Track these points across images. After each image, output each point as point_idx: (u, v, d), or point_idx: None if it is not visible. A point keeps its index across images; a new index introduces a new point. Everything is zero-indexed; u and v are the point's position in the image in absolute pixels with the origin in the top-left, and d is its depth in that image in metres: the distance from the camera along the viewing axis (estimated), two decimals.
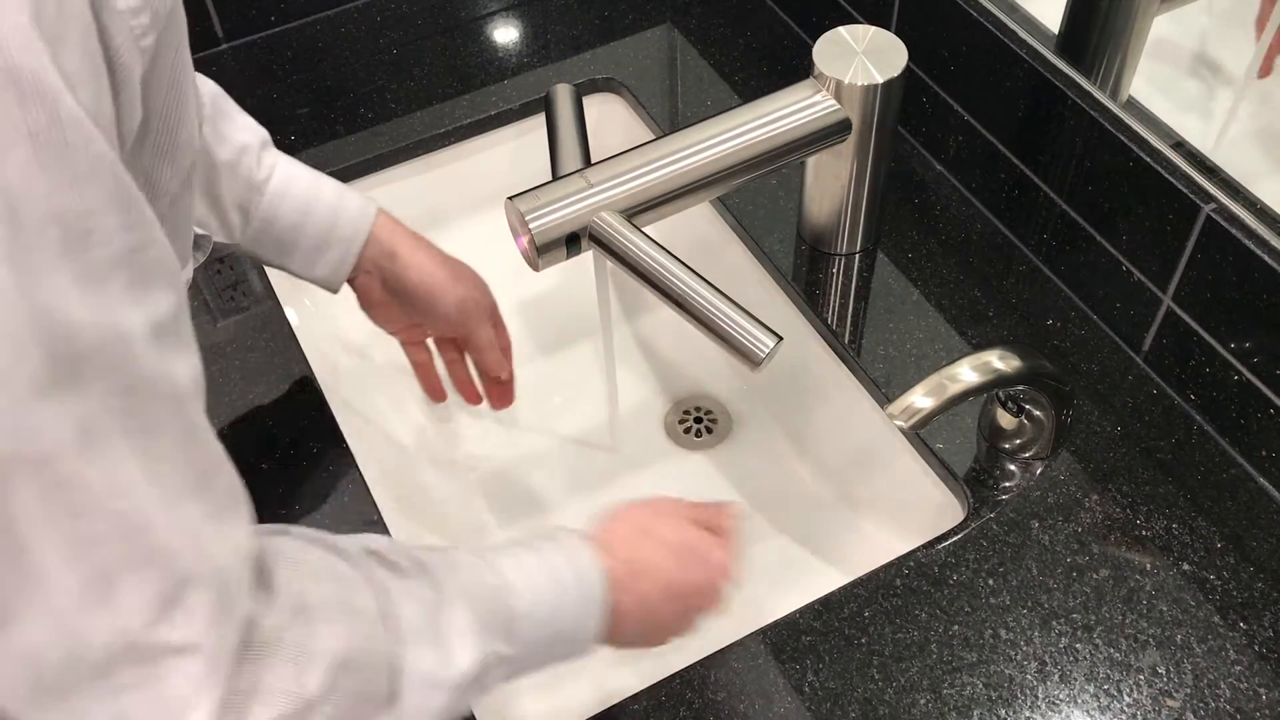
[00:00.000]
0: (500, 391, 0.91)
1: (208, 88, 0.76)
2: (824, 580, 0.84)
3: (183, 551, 0.43)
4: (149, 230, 0.42)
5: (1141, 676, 0.71)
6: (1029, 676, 0.71)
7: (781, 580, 0.89)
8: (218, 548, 0.45)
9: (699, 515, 0.70)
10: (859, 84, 0.80)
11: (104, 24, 0.40)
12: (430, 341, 0.91)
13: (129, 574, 0.42)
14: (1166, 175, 0.77)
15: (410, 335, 0.89)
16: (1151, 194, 0.78)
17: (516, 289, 1.06)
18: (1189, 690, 0.70)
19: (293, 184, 0.79)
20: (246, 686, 0.46)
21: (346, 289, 0.84)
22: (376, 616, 0.52)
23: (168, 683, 0.43)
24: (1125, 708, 0.69)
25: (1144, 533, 0.76)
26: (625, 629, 0.64)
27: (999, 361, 0.73)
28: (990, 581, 0.75)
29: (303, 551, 0.52)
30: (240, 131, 0.77)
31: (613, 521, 0.67)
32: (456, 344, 0.90)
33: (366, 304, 0.85)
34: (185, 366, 0.44)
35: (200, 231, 0.72)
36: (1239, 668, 0.70)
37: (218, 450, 0.46)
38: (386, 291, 0.84)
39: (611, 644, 0.64)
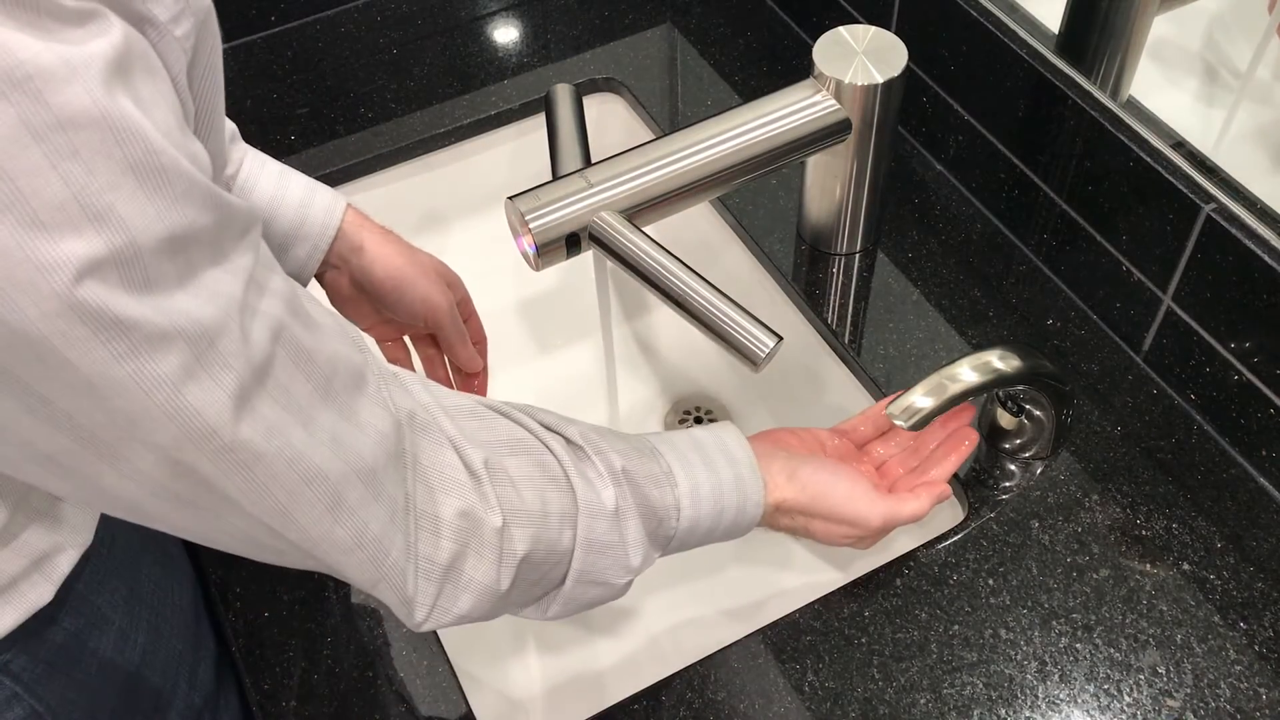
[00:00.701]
0: (472, 388, 0.91)
1: None
2: (824, 580, 0.84)
3: (331, 465, 0.50)
4: (229, 211, 0.46)
5: (1141, 676, 0.71)
6: (1029, 676, 0.71)
7: (781, 580, 0.89)
8: (361, 447, 0.51)
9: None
10: (859, 84, 0.80)
11: (153, 40, 0.44)
12: (408, 339, 0.90)
13: (297, 502, 0.49)
14: (1166, 175, 0.77)
15: (383, 333, 0.88)
16: (1151, 194, 0.78)
17: (516, 289, 1.06)
18: (1189, 690, 0.70)
19: (260, 178, 0.78)
20: (450, 567, 0.55)
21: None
22: (565, 523, 0.59)
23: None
24: (1125, 708, 0.69)
25: (1144, 533, 0.77)
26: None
27: (999, 361, 0.73)
28: (990, 581, 0.75)
29: (518, 454, 0.59)
30: None
31: (795, 488, 0.71)
32: (433, 339, 0.89)
33: (336, 300, 0.85)
34: (281, 284, 0.49)
35: None
36: (1239, 668, 0.70)
37: (327, 341, 0.51)
38: (354, 287, 0.83)
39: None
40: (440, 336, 0.86)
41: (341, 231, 0.81)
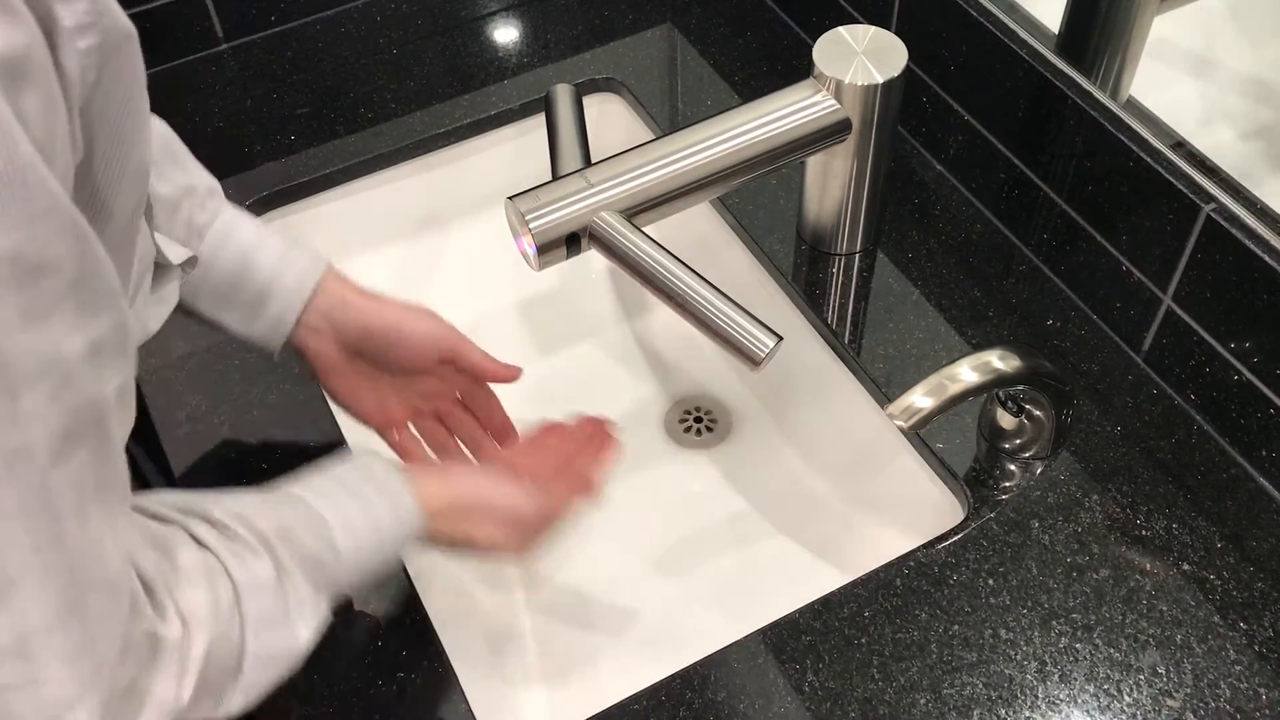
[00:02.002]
0: (503, 431, 0.86)
1: (158, 128, 0.71)
2: (824, 580, 0.84)
3: (84, 560, 0.46)
4: (95, 260, 0.43)
5: (1141, 676, 0.71)
6: (1029, 676, 0.71)
7: (781, 580, 0.89)
8: (114, 554, 0.48)
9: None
10: (859, 84, 0.80)
11: (55, 43, 0.41)
12: (413, 427, 0.84)
13: (32, 579, 0.44)
14: (1166, 175, 0.77)
15: (385, 415, 0.82)
16: (1151, 194, 0.78)
17: (516, 289, 1.06)
18: (1189, 690, 0.70)
19: (235, 232, 0.74)
20: (128, 690, 0.50)
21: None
22: (233, 611, 0.56)
23: (50, 685, 0.46)
24: (1125, 708, 0.69)
25: (1144, 533, 0.77)
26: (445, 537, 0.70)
27: (999, 361, 0.73)
28: (990, 581, 0.75)
29: (178, 548, 0.55)
30: (188, 175, 0.73)
31: (447, 489, 0.70)
32: (437, 415, 0.84)
33: (326, 373, 0.78)
34: (117, 380, 0.46)
35: (177, 253, 0.68)
36: (1239, 668, 0.70)
37: (119, 454, 0.49)
38: (345, 353, 0.78)
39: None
40: (461, 361, 0.80)
41: (321, 288, 0.76)
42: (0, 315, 0.39)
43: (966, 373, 0.72)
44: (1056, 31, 0.84)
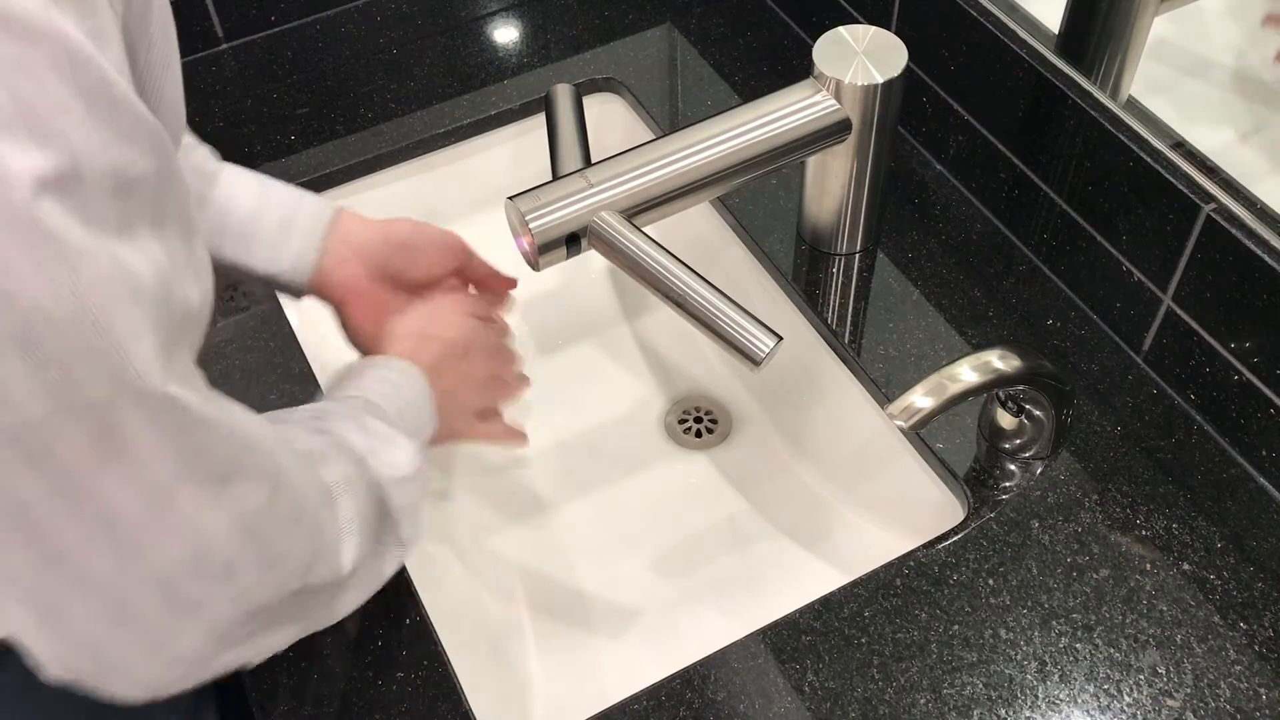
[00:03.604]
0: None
1: None
2: (824, 580, 0.84)
3: (261, 437, 0.51)
4: (172, 172, 0.45)
5: (1141, 676, 0.71)
6: (1029, 676, 0.71)
7: (781, 580, 0.89)
8: (269, 432, 0.53)
9: (474, 308, 0.81)
10: (859, 84, 0.80)
11: None
12: None
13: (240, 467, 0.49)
14: (1166, 175, 0.77)
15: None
16: (1151, 194, 0.78)
17: (517, 289, 1.06)
18: (1189, 690, 0.70)
19: (242, 177, 0.77)
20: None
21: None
22: (357, 468, 0.61)
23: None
24: (1125, 708, 0.69)
25: (1144, 533, 0.77)
26: (442, 418, 0.74)
27: (999, 361, 0.73)
28: (990, 581, 0.75)
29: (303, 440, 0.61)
30: (185, 137, 0.76)
31: (397, 341, 0.75)
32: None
33: (350, 303, 0.79)
34: (198, 292, 0.48)
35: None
36: (1239, 668, 0.70)
37: None
38: (369, 276, 0.79)
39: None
40: (470, 270, 0.84)
41: (340, 222, 0.79)
42: (104, 228, 0.40)
43: (966, 373, 0.72)
44: (1056, 31, 0.84)
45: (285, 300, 0.96)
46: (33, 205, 0.38)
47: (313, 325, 0.96)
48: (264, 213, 0.76)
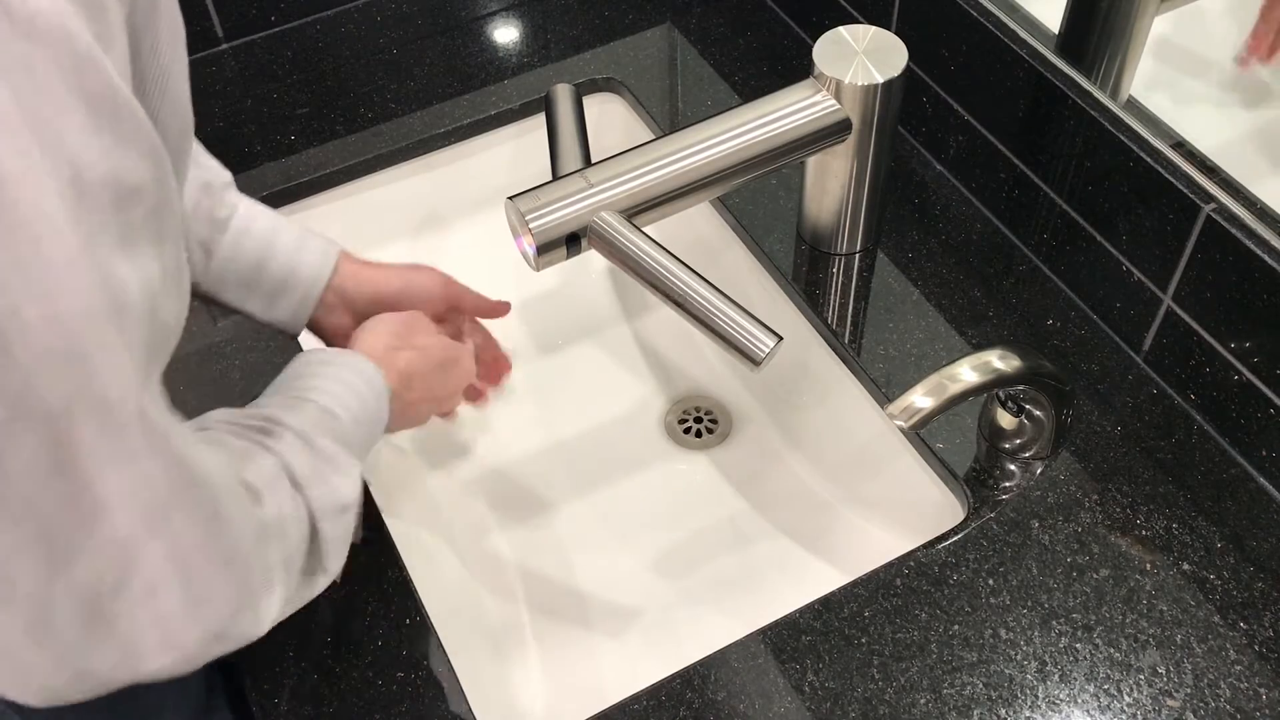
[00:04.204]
0: (495, 371, 0.92)
1: None
2: (824, 580, 0.84)
3: (214, 472, 0.50)
4: (169, 187, 0.45)
5: (1141, 676, 0.71)
6: (1029, 676, 0.71)
7: (781, 580, 0.89)
8: (223, 468, 0.52)
9: (446, 327, 0.83)
10: (859, 84, 0.80)
11: None
12: None
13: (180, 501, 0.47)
14: (1166, 175, 0.77)
15: None
16: (1151, 194, 0.78)
17: (517, 289, 1.06)
18: (1189, 690, 0.70)
19: (255, 223, 0.77)
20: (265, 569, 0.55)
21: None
22: (281, 473, 0.59)
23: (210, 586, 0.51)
24: (1125, 708, 0.69)
25: (1144, 533, 0.77)
26: (396, 420, 0.74)
27: (999, 361, 0.73)
28: (990, 581, 0.75)
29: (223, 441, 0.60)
30: (203, 170, 0.76)
31: (372, 336, 0.75)
32: None
33: (341, 340, 0.81)
34: (177, 308, 0.48)
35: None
36: (1239, 668, 0.70)
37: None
38: (358, 320, 0.80)
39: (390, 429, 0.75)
40: (463, 305, 0.85)
41: (337, 273, 0.79)
42: (103, 239, 0.40)
43: (966, 373, 0.72)
44: (1056, 31, 0.84)
45: None
46: (27, 207, 0.38)
47: None
48: (267, 267, 0.77)
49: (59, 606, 0.45)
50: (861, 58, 0.81)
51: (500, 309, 0.88)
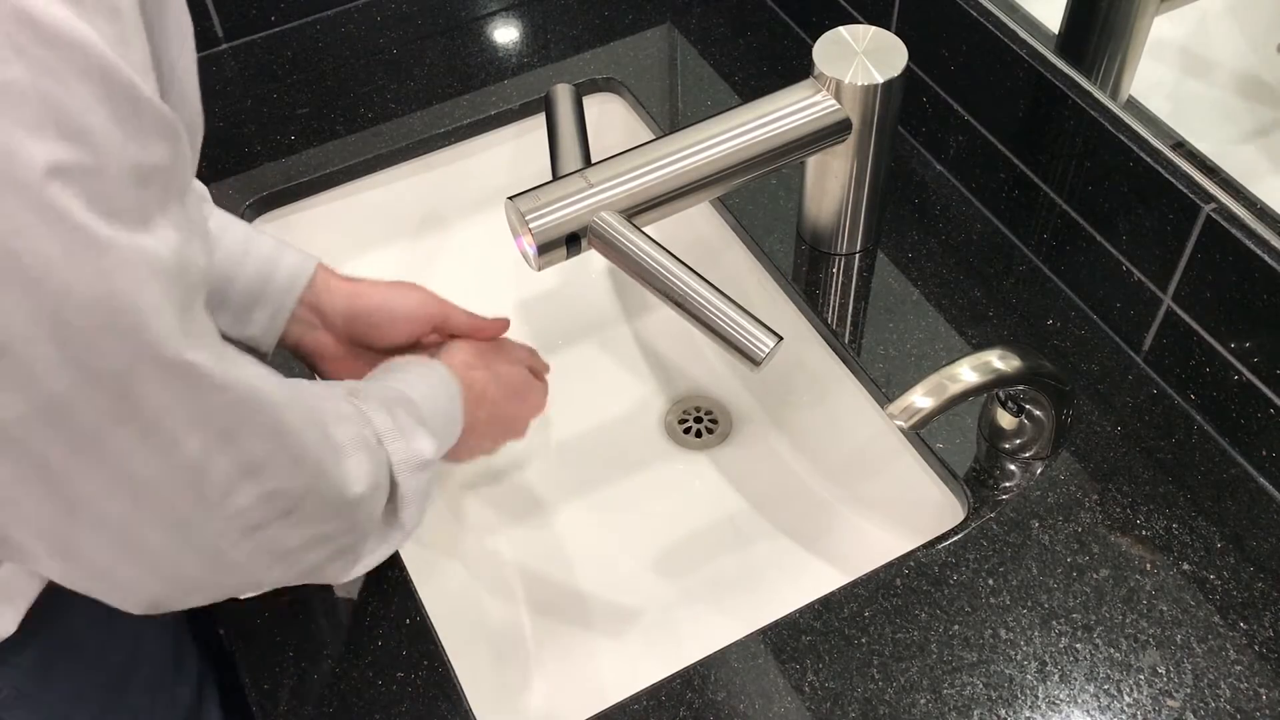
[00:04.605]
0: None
1: None
2: (824, 580, 0.84)
3: (270, 391, 0.54)
4: (185, 154, 0.48)
5: (1141, 676, 0.71)
6: (1029, 676, 0.71)
7: (781, 580, 0.89)
8: (280, 385, 0.56)
9: (528, 360, 0.84)
10: (859, 84, 0.80)
11: None
12: None
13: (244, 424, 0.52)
14: (1166, 175, 0.77)
15: None
16: (1151, 194, 0.78)
17: (516, 289, 1.06)
18: (1189, 690, 0.70)
19: (224, 237, 0.75)
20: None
21: None
22: (371, 440, 0.63)
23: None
24: (1125, 708, 0.69)
25: (1144, 533, 0.77)
26: (463, 439, 0.76)
27: (999, 361, 0.73)
28: (990, 581, 0.75)
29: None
30: None
31: (450, 355, 0.77)
32: None
33: (326, 365, 0.79)
34: (202, 250, 0.51)
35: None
36: (1239, 668, 0.70)
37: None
38: (341, 341, 0.79)
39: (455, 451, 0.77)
40: (450, 327, 0.81)
41: (311, 287, 0.77)
42: (127, 218, 0.44)
43: (966, 373, 0.72)
44: (1056, 31, 0.84)
45: None
46: (64, 200, 0.41)
47: None
48: (235, 282, 0.75)
49: (146, 529, 0.51)
50: (861, 58, 0.81)
51: (497, 327, 0.84)
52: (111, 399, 0.45)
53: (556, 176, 0.77)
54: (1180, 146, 0.78)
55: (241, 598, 0.75)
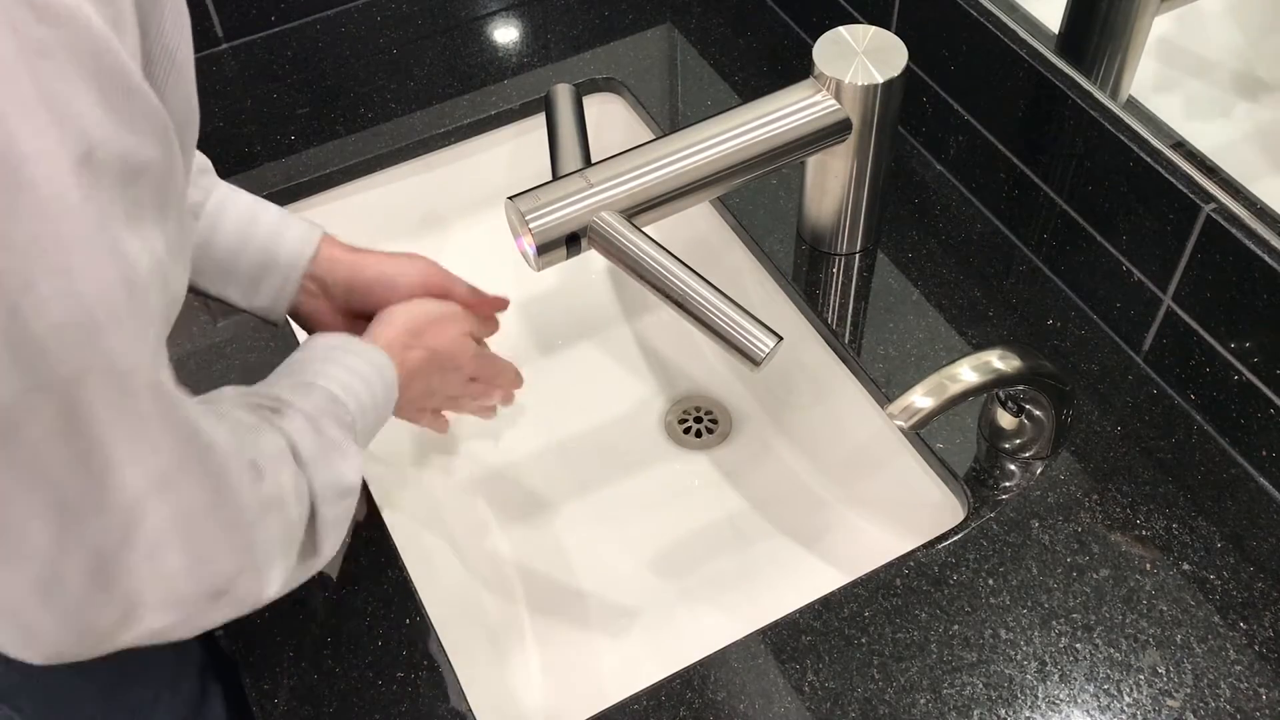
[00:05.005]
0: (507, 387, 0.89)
1: None
2: (824, 580, 0.84)
3: (220, 440, 0.52)
4: (174, 161, 0.46)
5: (1141, 676, 0.71)
6: (1029, 676, 0.71)
7: (781, 580, 0.89)
8: (224, 432, 0.54)
9: (471, 328, 0.81)
10: (859, 84, 0.80)
11: None
12: None
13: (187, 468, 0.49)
14: (1166, 175, 0.77)
15: None
16: (1151, 194, 0.78)
17: (516, 289, 1.06)
18: (1189, 690, 0.70)
19: (230, 207, 0.76)
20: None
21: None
22: (287, 453, 0.60)
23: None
24: (1125, 708, 0.69)
25: (1144, 533, 0.77)
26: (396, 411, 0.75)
27: (999, 361, 0.73)
28: (990, 581, 0.75)
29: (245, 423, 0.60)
30: None
31: (389, 330, 0.76)
32: None
33: (323, 329, 0.80)
34: (180, 278, 0.50)
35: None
36: (1239, 668, 0.71)
37: None
38: (342, 311, 0.80)
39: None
40: (454, 297, 0.82)
41: (316, 258, 0.78)
42: (114, 216, 0.42)
43: (966, 373, 0.72)
44: (1056, 31, 0.84)
45: None
46: (44, 185, 0.39)
47: None
48: (244, 253, 0.76)
49: (67, 565, 0.47)
50: (861, 58, 0.81)
51: (497, 304, 0.85)
52: (59, 413, 0.43)
53: (556, 176, 0.77)
54: (1180, 146, 0.78)
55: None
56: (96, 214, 0.41)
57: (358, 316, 0.80)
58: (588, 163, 0.79)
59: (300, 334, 0.91)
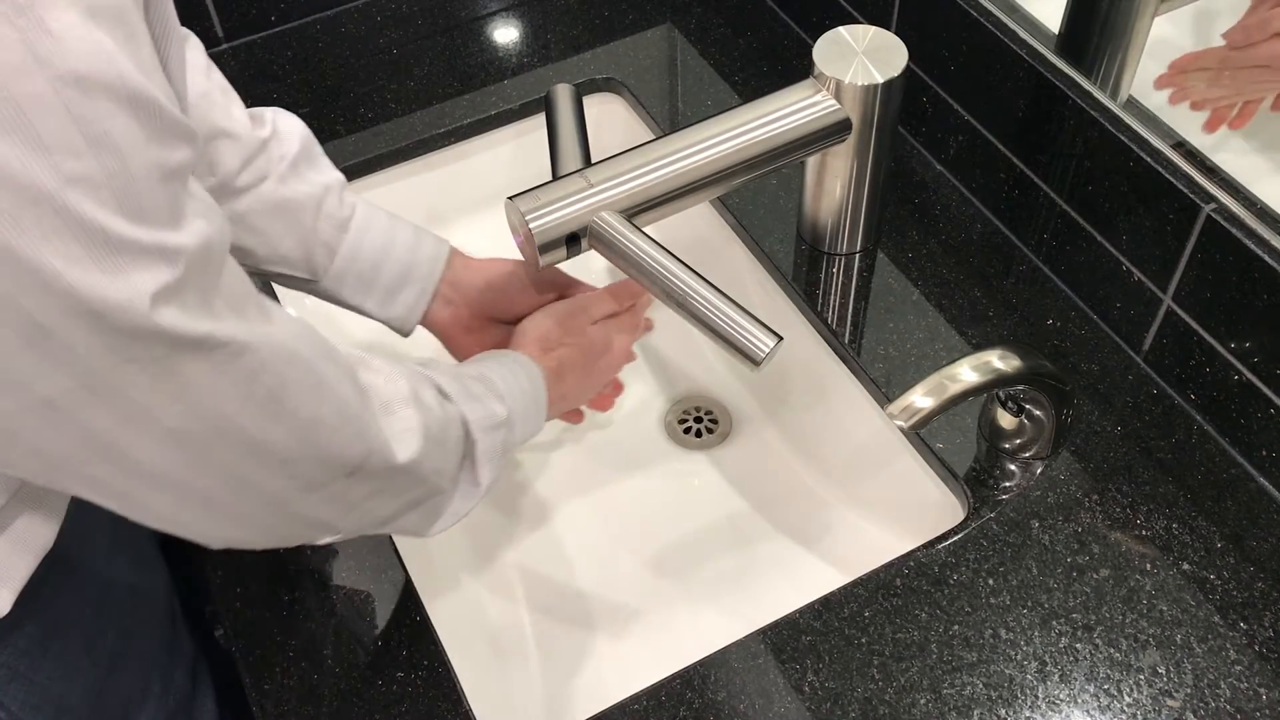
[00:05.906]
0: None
1: (297, 129, 0.79)
2: (824, 580, 0.84)
3: (302, 347, 0.56)
4: (196, 144, 0.48)
5: (1141, 676, 0.71)
6: (1029, 676, 0.71)
7: (781, 580, 0.89)
8: (313, 336, 0.58)
9: (599, 310, 0.83)
10: (859, 84, 0.80)
11: None
12: None
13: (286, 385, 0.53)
14: (1166, 175, 0.77)
15: None
16: (1151, 194, 0.78)
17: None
18: (1189, 690, 0.70)
19: (373, 222, 0.80)
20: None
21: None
22: (437, 398, 0.65)
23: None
24: (1125, 708, 0.69)
25: (1144, 533, 0.77)
26: (554, 407, 0.79)
27: (999, 361, 0.73)
28: (990, 581, 0.75)
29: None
30: (324, 172, 0.80)
31: (528, 340, 0.79)
32: None
33: (458, 337, 0.84)
34: (222, 224, 0.51)
35: (288, 272, 0.79)
36: (1239, 668, 0.71)
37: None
38: (473, 314, 0.83)
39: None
40: (578, 288, 0.86)
41: (450, 265, 0.83)
42: (155, 220, 0.44)
43: (966, 373, 0.72)
44: (1056, 31, 0.84)
45: (285, 300, 0.96)
46: (83, 205, 0.41)
47: (312, 325, 0.96)
48: (384, 265, 0.80)
49: (207, 485, 0.53)
50: (861, 58, 0.81)
51: (625, 293, 0.86)
52: (151, 376, 0.46)
53: (556, 176, 0.77)
54: (1180, 146, 0.78)
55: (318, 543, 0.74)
56: (138, 223, 0.44)
57: (489, 321, 0.84)
58: (588, 163, 0.79)
59: (431, 341, 0.91)
